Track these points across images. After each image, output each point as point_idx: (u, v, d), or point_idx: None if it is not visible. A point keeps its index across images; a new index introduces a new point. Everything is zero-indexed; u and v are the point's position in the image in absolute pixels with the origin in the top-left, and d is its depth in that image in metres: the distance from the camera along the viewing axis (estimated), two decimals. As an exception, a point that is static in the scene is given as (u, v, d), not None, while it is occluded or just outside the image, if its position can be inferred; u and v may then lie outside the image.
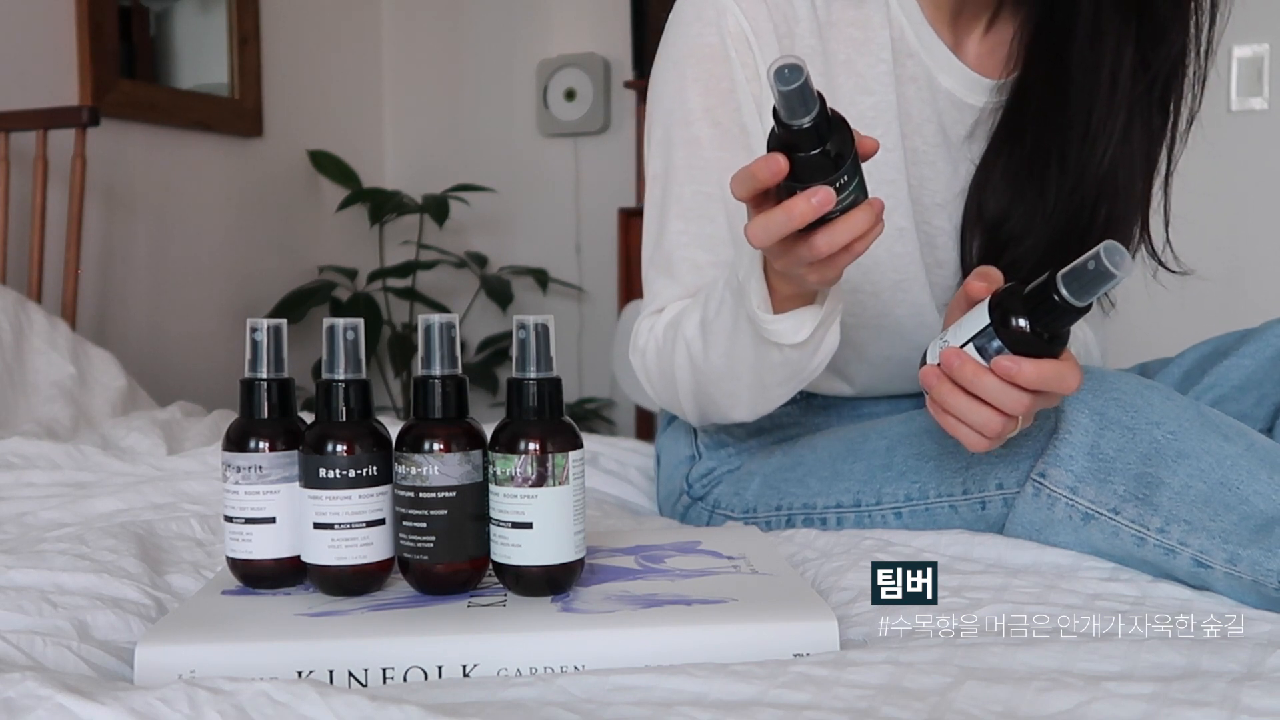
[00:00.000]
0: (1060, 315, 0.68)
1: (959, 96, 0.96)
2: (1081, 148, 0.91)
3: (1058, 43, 0.91)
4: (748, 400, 0.91)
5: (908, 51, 0.94)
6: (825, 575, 0.76)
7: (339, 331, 0.67)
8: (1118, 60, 0.90)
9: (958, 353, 0.71)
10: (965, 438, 0.74)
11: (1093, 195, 0.92)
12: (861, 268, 0.95)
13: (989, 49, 0.96)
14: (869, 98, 0.93)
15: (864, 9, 0.93)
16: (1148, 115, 0.93)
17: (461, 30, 3.08)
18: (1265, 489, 0.73)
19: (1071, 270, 0.66)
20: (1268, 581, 0.69)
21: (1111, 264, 0.64)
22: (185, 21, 2.64)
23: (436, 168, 3.05)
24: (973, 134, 0.96)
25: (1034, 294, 0.69)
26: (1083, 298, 0.66)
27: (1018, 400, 0.70)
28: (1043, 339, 0.69)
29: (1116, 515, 0.76)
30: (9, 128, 1.99)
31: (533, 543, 0.64)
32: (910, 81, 0.94)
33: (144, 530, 0.85)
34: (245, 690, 0.49)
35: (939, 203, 0.97)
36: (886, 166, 0.94)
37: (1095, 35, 0.89)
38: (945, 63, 0.95)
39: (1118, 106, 0.90)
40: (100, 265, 2.31)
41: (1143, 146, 0.93)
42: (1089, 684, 0.54)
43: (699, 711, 0.50)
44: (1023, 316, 0.69)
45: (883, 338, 0.98)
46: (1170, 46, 0.90)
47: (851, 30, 0.93)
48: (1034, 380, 0.69)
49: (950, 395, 0.73)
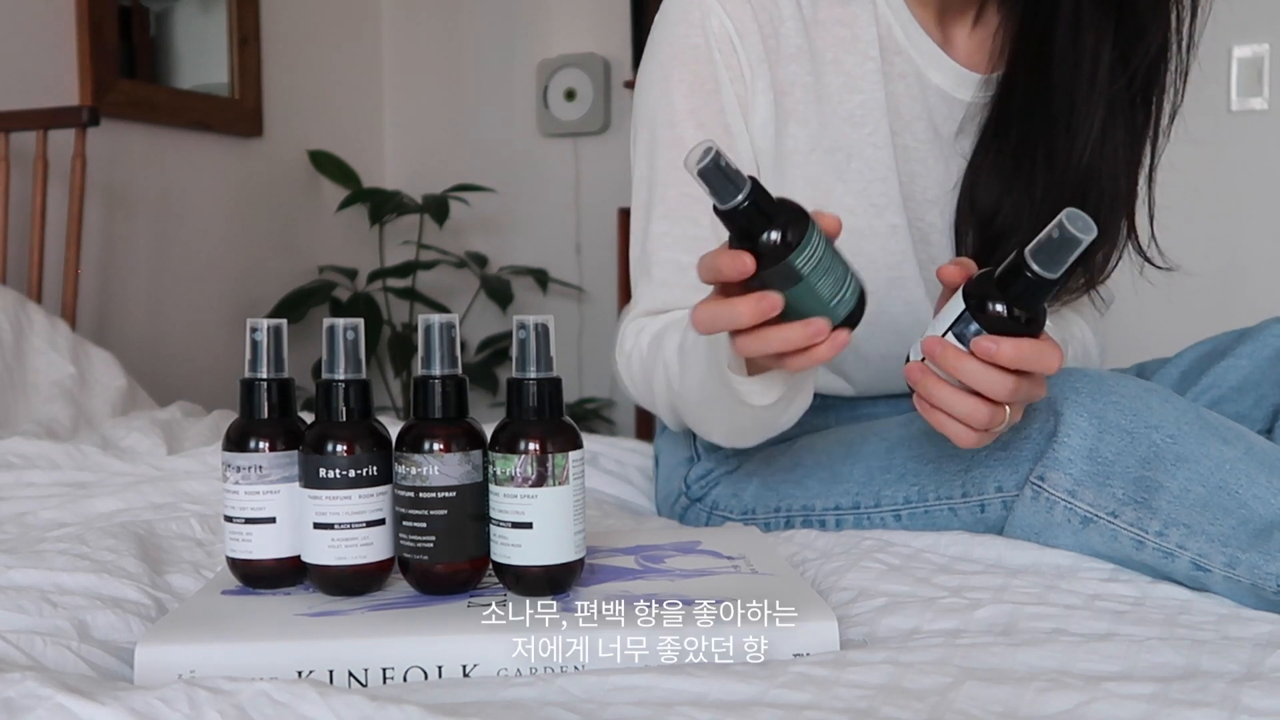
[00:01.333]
0: (1034, 290, 0.68)
1: (948, 92, 0.96)
2: (1065, 142, 0.91)
3: (1040, 38, 0.91)
4: (723, 434, 0.91)
5: (895, 48, 0.94)
6: (825, 575, 0.76)
7: (339, 331, 0.67)
8: (1096, 56, 0.90)
9: (938, 340, 0.71)
10: (954, 433, 0.73)
11: (1079, 190, 0.92)
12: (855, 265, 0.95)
13: (977, 43, 0.97)
14: (857, 95, 0.93)
15: (850, 7, 0.93)
16: (1129, 111, 0.93)
17: (461, 30, 3.08)
18: (1264, 493, 0.73)
19: (1037, 244, 0.67)
20: (1266, 585, 0.69)
21: (1075, 229, 0.65)
22: (185, 21, 2.64)
23: (436, 168, 3.05)
24: (963, 129, 0.97)
25: (1006, 274, 0.69)
26: (1053, 269, 0.67)
27: (1000, 383, 0.69)
28: (1020, 321, 0.69)
29: (1115, 518, 0.76)
30: (9, 128, 1.99)
31: (533, 543, 0.64)
32: (899, 78, 0.95)
33: (144, 530, 0.85)
34: (245, 690, 0.49)
35: (931, 199, 0.97)
36: (877, 164, 0.94)
37: (1076, 31, 0.89)
38: (934, 59, 0.95)
39: (1097, 102, 0.90)
40: (100, 265, 2.31)
41: (1125, 142, 0.93)
42: (1089, 684, 0.54)
43: (699, 711, 0.50)
44: (997, 298, 0.69)
45: (879, 335, 0.98)
46: (1149, 43, 0.90)
47: (838, 29, 0.93)
48: (1014, 359, 0.68)
49: (935, 387, 0.72)
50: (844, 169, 0.94)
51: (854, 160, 0.94)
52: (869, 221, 0.95)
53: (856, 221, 0.95)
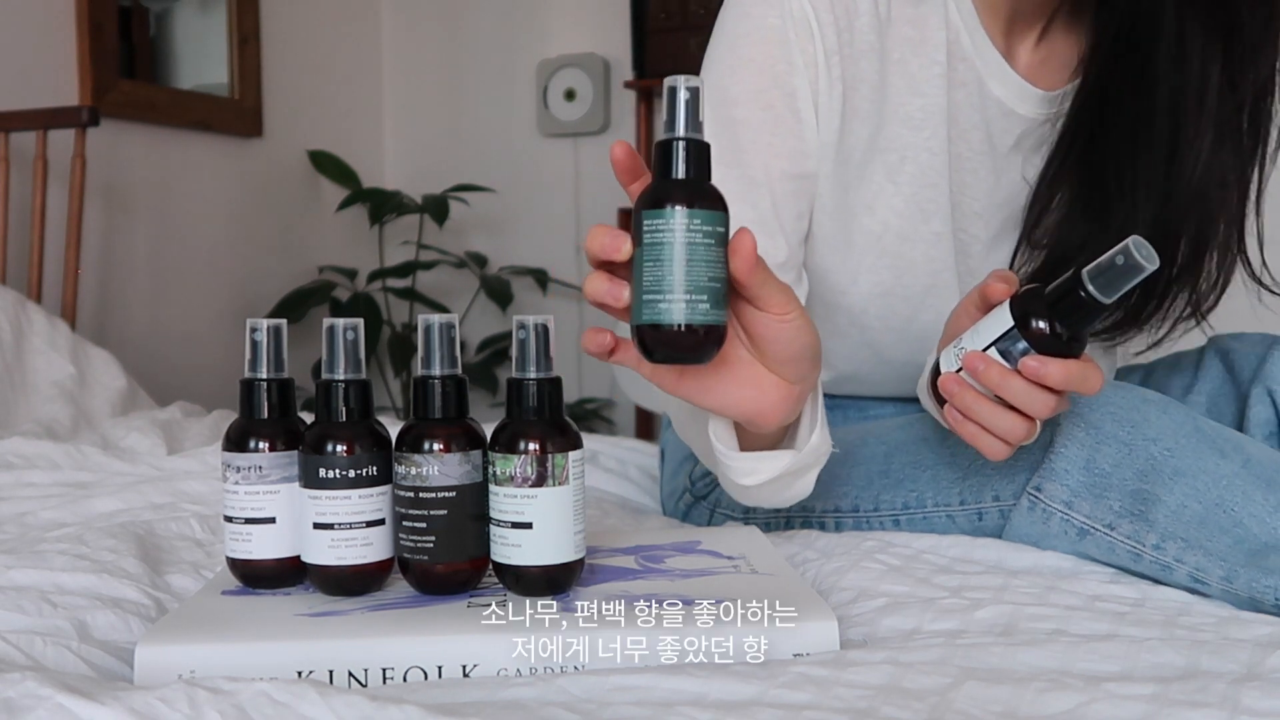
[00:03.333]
0: (1086, 313, 0.67)
1: (1008, 105, 0.93)
2: (1165, 167, 0.88)
3: (1136, 61, 0.87)
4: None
5: (961, 55, 0.91)
6: (825, 575, 0.76)
7: (339, 331, 0.67)
8: (1204, 78, 0.86)
9: (982, 356, 0.70)
10: (988, 447, 0.73)
11: (1178, 219, 0.89)
12: (895, 270, 0.94)
13: (1040, 59, 0.94)
14: (919, 99, 0.91)
15: (921, 8, 0.90)
16: (1237, 136, 0.89)
17: (461, 30, 3.08)
18: (1259, 511, 0.73)
19: (1098, 266, 0.66)
20: (1265, 598, 0.69)
21: (1140, 257, 0.64)
22: (185, 21, 2.64)
23: (436, 168, 3.05)
24: (1019, 144, 0.94)
25: (1058, 293, 0.68)
26: (1110, 294, 0.66)
27: (1044, 403, 0.69)
28: (1064, 341, 0.69)
29: (1112, 531, 0.75)
30: (9, 128, 1.99)
31: (533, 543, 0.64)
32: (961, 86, 0.92)
33: (144, 530, 0.85)
34: (245, 690, 0.49)
35: (977, 211, 0.95)
36: (930, 170, 0.92)
37: (1181, 52, 0.85)
38: (997, 69, 0.92)
39: (1205, 125, 0.87)
40: (100, 265, 2.31)
41: (1234, 168, 0.90)
42: (1089, 684, 0.54)
43: (699, 711, 0.50)
44: (1046, 317, 0.69)
45: (906, 342, 0.97)
46: (1262, 65, 0.87)
47: (908, 29, 0.91)
48: (1061, 381, 0.68)
49: (976, 402, 0.72)
50: (896, 171, 0.92)
51: (907, 163, 0.92)
52: (914, 226, 0.93)
53: (902, 225, 0.93)
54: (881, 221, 0.93)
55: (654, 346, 0.61)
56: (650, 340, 0.61)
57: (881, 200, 0.92)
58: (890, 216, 0.93)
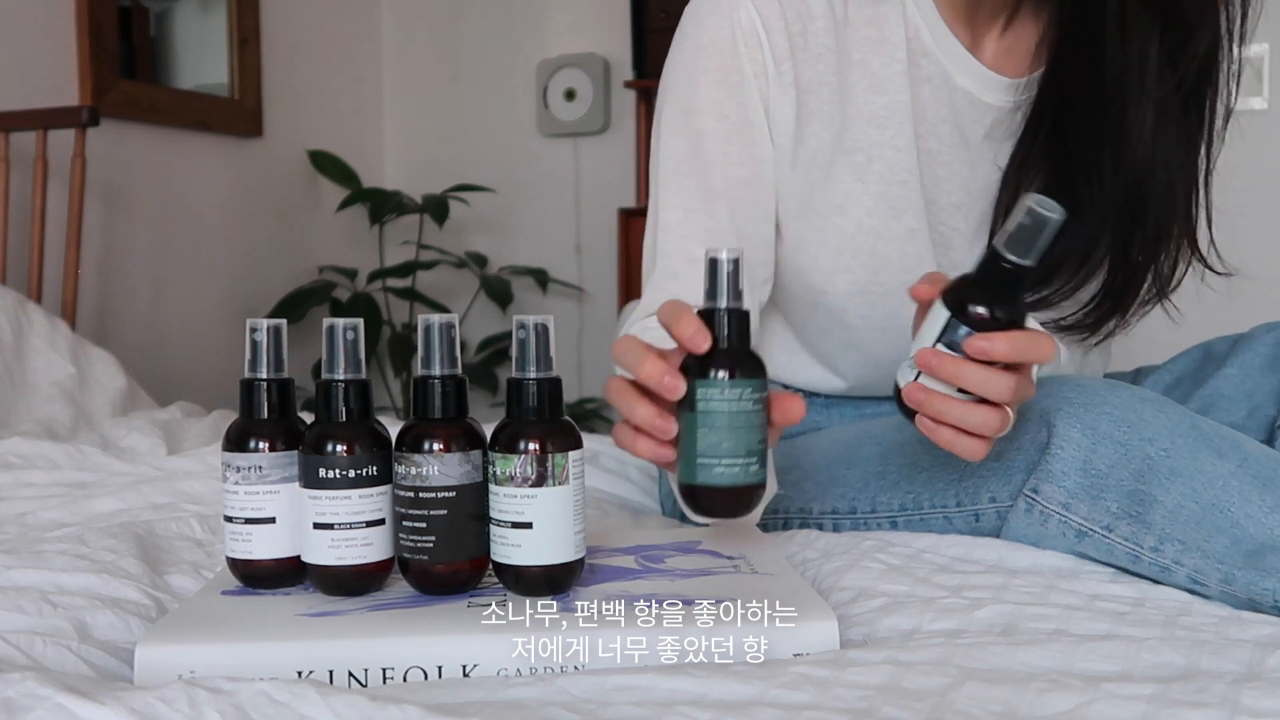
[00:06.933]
0: (1014, 282, 0.68)
1: (976, 95, 0.94)
2: (1117, 151, 0.88)
3: (1088, 45, 0.88)
4: None
5: (923, 51, 0.93)
6: (825, 575, 0.76)
7: (339, 331, 0.67)
8: (1144, 58, 0.87)
9: (933, 352, 0.69)
10: (965, 448, 0.71)
11: (1131, 198, 0.89)
12: (870, 268, 0.95)
13: (1006, 48, 0.95)
14: (882, 97, 0.92)
15: (880, 7, 0.92)
16: (1179, 114, 0.90)
17: (461, 30, 3.08)
18: (1256, 512, 0.72)
19: (1007, 233, 0.67)
20: (1264, 600, 0.69)
21: (1044, 209, 0.65)
22: (185, 21, 2.64)
23: (436, 168, 3.05)
24: (991, 133, 0.95)
25: (982, 271, 0.69)
26: (1029, 255, 0.66)
27: (1004, 383, 0.68)
28: (1001, 315, 0.68)
29: (1110, 533, 0.75)
30: (9, 128, 1.99)
31: (533, 543, 0.64)
32: (925, 81, 0.93)
33: (144, 530, 0.85)
34: (245, 690, 0.49)
35: (955, 203, 0.96)
36: (897, 167, 0.93)
37: (1123, 34, 0.86)
38: (961, 62, 0.93)
39: (1146, 105, 0.87)
40: (100, 265, 2.31)
41: (1179, 146, 0.90)
42: (1089, 684, 0.54)
43: (699, 711, 0.50)
44: (979, 298, 0.69)
45: (889, 339, 0.97)
46: (1197, 44, 0.88)
47: (867, 29, 0.92)
48: (1009, 352, 0.67)
49: (944, 404, 0.70)
50: (864, 170, 0.93)
51: (874, 162, 0.93)
52: (886, 224, 0.94)
53: (874, 223, 0.94)
54: (854, 221, 0.94)
55: (708, 505, 0.66)
56: (705, 499, 0.66)
57: (851, 200, 0.94)
58: (862, 215, 0.94)
